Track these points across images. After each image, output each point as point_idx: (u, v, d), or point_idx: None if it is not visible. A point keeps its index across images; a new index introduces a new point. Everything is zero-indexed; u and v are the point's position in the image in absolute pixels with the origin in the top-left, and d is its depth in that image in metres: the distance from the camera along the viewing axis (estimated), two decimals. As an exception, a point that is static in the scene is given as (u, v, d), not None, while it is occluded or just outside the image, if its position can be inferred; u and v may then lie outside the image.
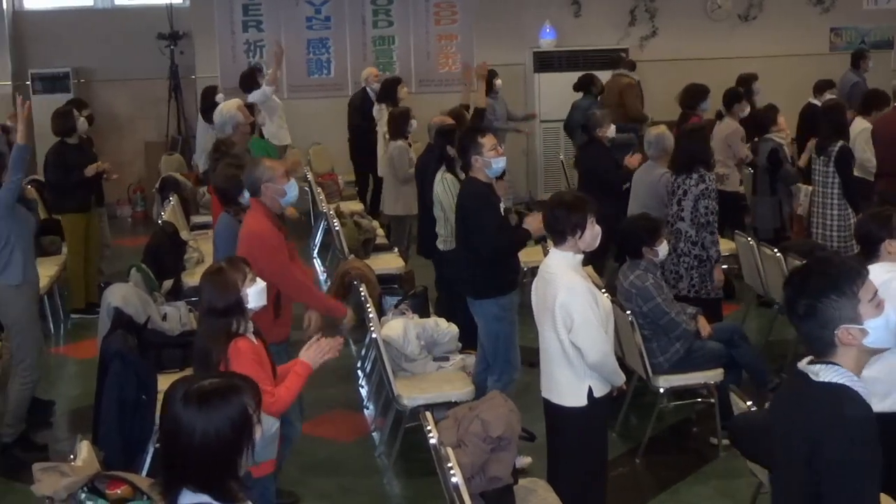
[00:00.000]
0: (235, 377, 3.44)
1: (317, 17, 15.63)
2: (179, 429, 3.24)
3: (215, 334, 5.18)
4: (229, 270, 5.27)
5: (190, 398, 3.25)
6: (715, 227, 8.32)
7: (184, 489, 3.28)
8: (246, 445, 3.29)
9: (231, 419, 3.25)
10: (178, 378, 3.42)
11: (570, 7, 16.06)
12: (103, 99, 15.96)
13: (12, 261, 7.64)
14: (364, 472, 7.53)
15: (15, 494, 7.21)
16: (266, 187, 6.69)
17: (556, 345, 5.68)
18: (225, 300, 5.19)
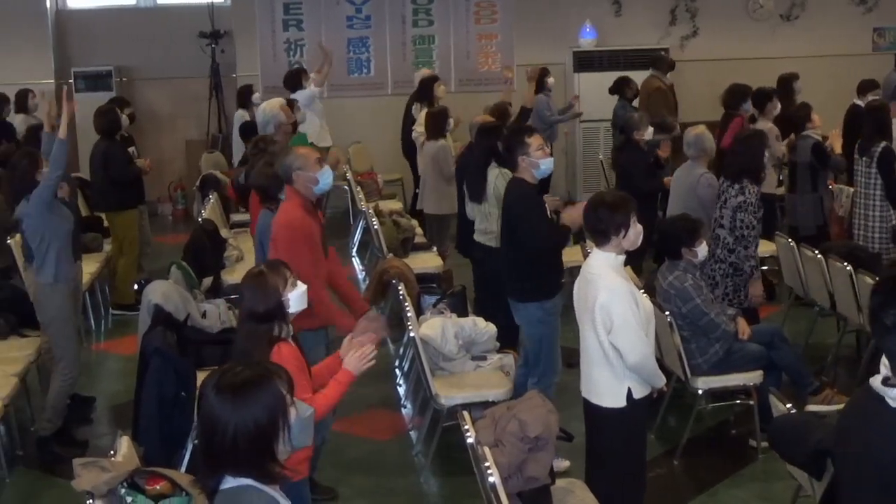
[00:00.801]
0: (266, 364, 3.48)
1: (357, 17, 15.67)
2: (215, 418, 3.29)
3: (257, 339, 5.13)
4: (270, 274, 5.22)
5: (223, 388, 3.31)
6: (750, 241, 8.11)
7: (224, 476, 3.33)
8: (282, 428, 3.34)
9: (265, 404, 3.30)
10: (213, 370, 3.48)
11: (611, 6, 16.01)
12: (145, 97, 16.07)
13: (47, 260, 7.70)
14: (401, 471, 7.54)
15: (56, 489, 7.28)
16: (297, 175, 6.69)
17: (595, 345, 5.66)
18: (266, 304, 5.14)
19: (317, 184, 6.72)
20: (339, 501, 7.07)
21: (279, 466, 3.37)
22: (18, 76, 14.30)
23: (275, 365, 3.46)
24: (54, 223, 7.71)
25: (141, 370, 7.04)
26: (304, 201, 6.71)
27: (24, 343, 8.45)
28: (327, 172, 6.80)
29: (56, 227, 7.72)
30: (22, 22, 15.24)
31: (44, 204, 7.62)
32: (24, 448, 7.97)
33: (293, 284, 5.26)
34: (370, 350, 5.27)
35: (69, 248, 7.93)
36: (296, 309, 5.28)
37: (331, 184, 6.89)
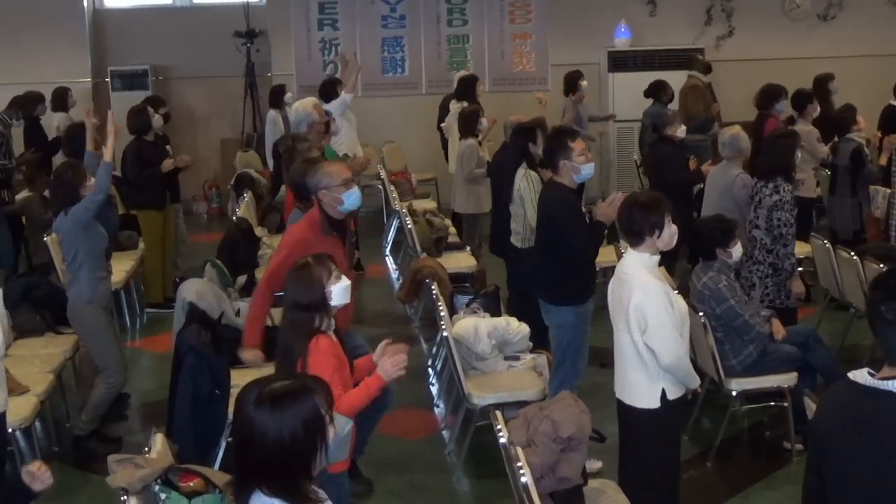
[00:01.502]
0: (307, 378, 3.45)
1: (392, 16, 15.70)
2: (253, 431, 3.25)
3: (298, 329, 5.21)
4: (315, 266, 5.29)
5: (262, 401, 3.26)
6: (789, 239, 8.11)
7: (256, 491, 3.29)
8: (320, 446, 3.29)
9: (304, 420, 3.25)
10: (251, 381, 3.41)
11: (646, 6, 15.96)
12: (180, 96, 16.15)
13: (79, 277, 7.71)
14: (433, 470, 7.55)
15: (91, 485, 7.33)
16: (322, 194, 6.63)
17: (629, 346, 5.64)
18: (309, 296, 5.21)
19: (341, 204, 6.60)
20: (371, 500, 7.09)
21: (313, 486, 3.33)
22: (56, 75, 14.39)
23: (315, 380, 3.42)
24: (88, 243, 7.68)
25: (175, 368, 7.08)
26: (322, 220, 6.67)
27: (59, 340, 8.52)
28: (354, 194, 6.66)
29: (90, 247, 7.69)
30: (60, 21, 15.35)
31: (80, 223, 7.63)
32: (60, 444, 8.03)
33: (337, 278, 5.32)
34: (403, 358, 5.29)
35: (103, 265, 7.94)
36: (338, 302, 5.32)
37: (357, 204, 6.69)
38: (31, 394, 7.33)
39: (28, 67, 14.65)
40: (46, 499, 7.15)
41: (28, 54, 14.99)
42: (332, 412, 3.36)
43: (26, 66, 14.71)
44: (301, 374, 3.93)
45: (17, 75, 14.00)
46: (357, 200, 6.70)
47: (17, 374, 7.45)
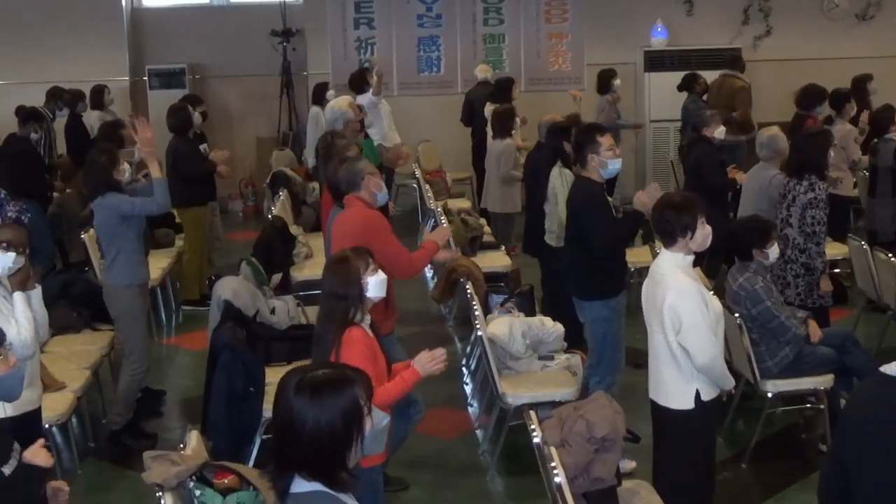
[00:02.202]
0: (348, 369, 3.46)
1: (428, 15, 15.71)
2: (291, 418, 3.26)
3: (333, 318, 5.25)
4: (354, 259, 5.35)
5: (303, 388, 3.28)
6: (822, 237, 8.08)
7: (295, 477, 3.31)
8: (356, 437, 3.31)
9: (342, 410, 3.26)
10: (293, 367, 3.45)
11: (683, 6, 15.89)
12: (217, 94, 16.21)
13: (116, 261, 7.76)
14: (467, 470, 7.55)
15: (126, 481, 7.37)
16: (368, 179, 6.82)
17: (664, 346, 5.63)
18: (346, 287, 5.26)
19: (381, 190, 6.92)
20: (405, 498, 7.10)
21: (347, 473, 3.35)
22: (94, 73, 14.49)
23: (356, 371, 3.44)
24: (130, 231, 7.75)
25: (210, 365, 7.11)
26: (368, 205, 6.77)
27: (96, 337, 8.58)
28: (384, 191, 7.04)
29: (128, 231, 7.75)
30: (98, 20, 15.44)
31: (119, 215, 7.68)
32: (96, 440, 8.09)
33: (374, 271, 5.37)
34: (441, 353, 5.31)
35: (140, 249, 7.98)
36: (374, 294, 5.37)
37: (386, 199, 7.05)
38: (68, 390, 7.38)
39: (67, 66, 14.74)
40: (83, 493, 7.25)
41: (67, 53, 15.09)
42: (371, 404, 3.38)
43: (66, 64, 14.81)
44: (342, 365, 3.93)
45: (57, 74, 14.08)
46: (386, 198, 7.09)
47: (54, 371, 7.51)
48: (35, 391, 5.91)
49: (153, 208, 7.76)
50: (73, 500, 7.05)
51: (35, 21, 15.28)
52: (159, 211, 7.89)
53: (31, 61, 14.91)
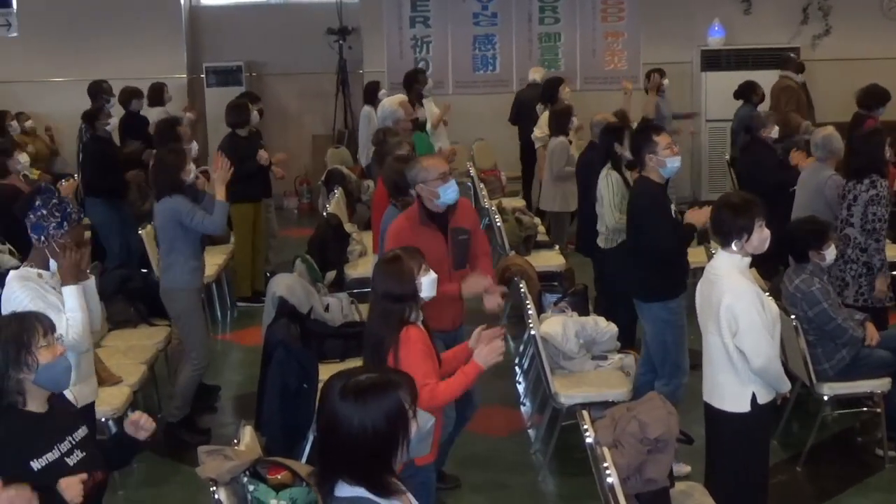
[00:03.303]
0: (392, 373, 3.47)
1: (483, 14, 15.70)
2: (336, 422, 3.27)
3: (389, 320, 5.28)
4: (406, 259, 5.37)
5: (347, 392, 3.28)
6: (882, 234, 8.03)
7: (339, 481, 3.31)
8: (401, 441, 3.31)
9: (387, 414, 3.26)
10: (336, 372, 3.44)
11: (741, 4, 15.76)
12: (273, 92, 16.29)
13: (174, 265, 7.83)
14: (519, 469, 7.55)
15: (181, 475, 7.44)
16: (420, 188, 6.69)
17: (719, 348, 5.59)
18: (401, 287, 5.29)
19: (438, 198, 6.64)
20: (457, 496, 7.11)
21: (394, 477, 3.36)
22: (152, 71, 14.61)
23: (400, 374, 3.45)
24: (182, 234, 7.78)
25: (264, 361, 7.15)
26: (420, 212, 6.71)
27: (153, 332, 8.65)
28: (451, 187, 6.69)
29: (186, 237, 7.80)
30: (157, 18, 15.58)
31: (179, 224, 7.73)
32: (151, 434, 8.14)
33: (426, 270, 5.39)
34: (500, 344, 5.30)
35: (197, 255, 8.01)
36: (426, 294, 5.40)
37: (455, 198, 6.69)
38: (124, 384, 7.46)
39: (126, 63, 14.86)
40: (138, 487, 7.33)
41: (126, 51, 15.22)
42: (416, 407, 3.38)
43: (124, 62, 14.93)
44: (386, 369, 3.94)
45: (115, 71, 14.20)
46: (454, 194, 6.72)
47: (111, 365, 7.59)
48: (91, 385, 5.97)
49: (209, 227, 7.79)
50: (129, 494, 7.17)
51: (95, 19, 15.44)
52: (213, 232, 7.94)
53: (90, 59, 15.06)
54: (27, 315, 4.50)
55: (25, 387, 4.25)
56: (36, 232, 5.65)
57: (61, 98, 14.64)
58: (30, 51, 15.42)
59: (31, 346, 4.25)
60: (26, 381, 4.24)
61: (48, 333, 4.34)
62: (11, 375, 4.21)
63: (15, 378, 4.22)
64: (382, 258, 5.61)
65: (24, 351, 4.23)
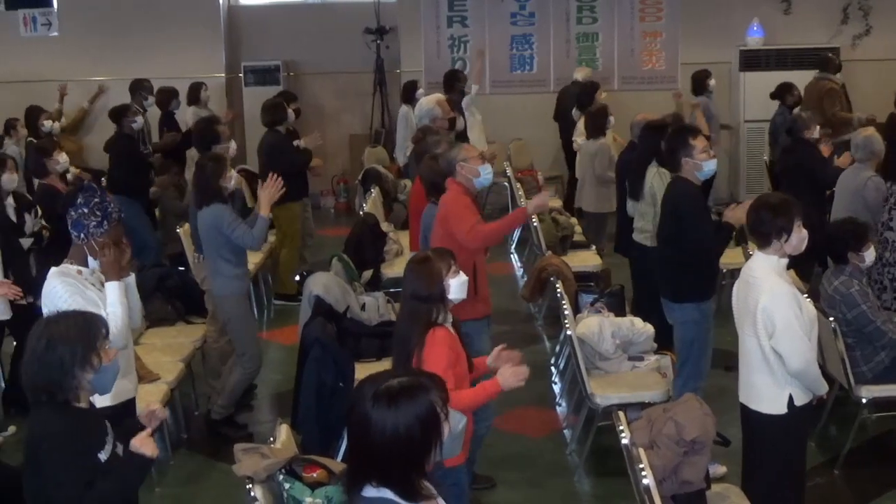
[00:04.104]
0: (423, 376, 3.47)
1: (521, 14, 15.68)
2: (368, 427, 3.27)
3: (416, 320, 5.29)
4: (435, 260, 5.38)
5: (379, 397, 3.28)
6: None
7: (367, 484, 3.32)
8: (434, 443, 3.32)
9: (419, 417, 3.27)
10: (366, 377, 3.44)
11: (780, 4, 15.65)
12: (310, 91, 16.33)
13: (219, 272, 7.85)
14: (554, 469, 7.54)
15: (217, 472, 7.48)
16: (461, 166, 6.91)
17: (756, 350, 5.56)
18: (429, 288, 5.30)
19: (478, 176, 6.92)
20: (492, 496, 7.10)
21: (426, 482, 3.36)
22: (190, 70, 14.68)
23: (431, 377, 3.45)
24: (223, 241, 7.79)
25: (301, 360, 7.18)
26: (465, 190, 6.87)
27: (190, 329, 8.71)
28: (488, 168, 7.01)
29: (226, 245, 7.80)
30: (196, 17, 15.65)
31: (221, 234, 7.75)
32: (189, 431, 8.21)
33: (455, 272, 5.40)
34: (525, 371, 5.32)
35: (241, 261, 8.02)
36: (455, 296, 5.40)
37: (491, 179, 7.07)
38: (162, 381, 7.52)
39: (164, 62, 14.95)
40: (175, 483, 7.37)
41: (165, 50, 15.31)
42: (448, 409, 3.38)
43: (163, 61, 15.02)
44: (417, 371, 3.94)
45: (154, 70, 14.27)
46: (490, 176, 7.09)
47: (148, 362, 7.65)
48: (131, 381, 6.01)
49: (248, 242, 7.78)
50: (165, 490, 7.21)
51: (134, 19, 15.54)
52: (252, 246, 7.91)
53: (129, 58, 15.14)
54: (93, 315, 4.57)
55: (83, 384, 4.30)
56: (76, 229, 5.68)
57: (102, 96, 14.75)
58: (70, 49, 15.54)
59: (97, 347, 4.31)
60: (85, 380, 4.29)
61: (106, 336, 4.41)
62: (76, 373, 4.27)
63: (78, 376, 4.27)
64: (412, 258, 5.63)
65: (92, 351, 4.30)
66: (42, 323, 4.44)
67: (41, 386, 4.30)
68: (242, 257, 8.03)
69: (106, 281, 5.58)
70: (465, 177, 7.00)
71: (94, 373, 4.30)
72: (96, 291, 5.61)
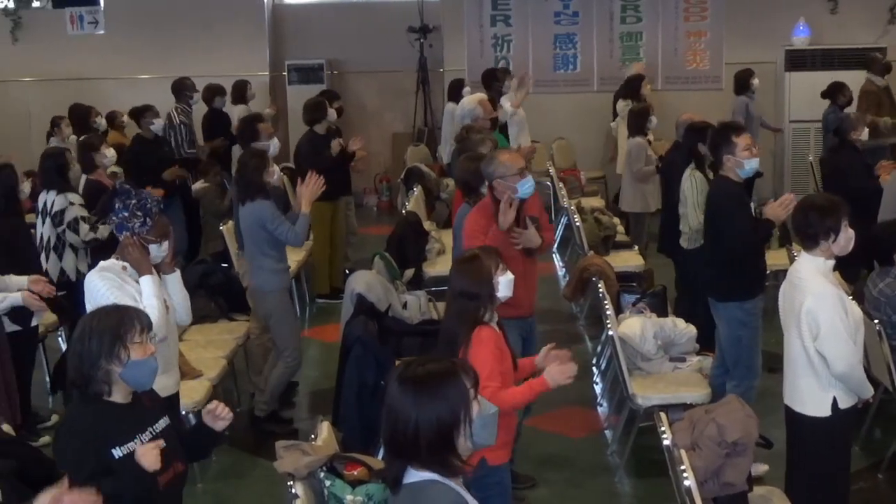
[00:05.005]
0: (450, 360, 3.52)
1: (565, 13, 15.64)
2: (398, 410, 3.34)
3: (463, 318, 5.28)
4: (484, 258, 5.37)
5: (407, 380, 3.36)
6: None
7: (408, 468, 3.37)
8: (463, 419, 3.36)
9: (447, 397, 3.33)
10: (398, 366, 3.53)
11: (826, 3, 15.53)
12: (354, 90, 16.39)
13: (261, 268, 7.91)
14: (595, 470, 7.52)
15: (260, 469, 7.52)
16: (497, 183, 6.75)
17: (800, 352, 5.52)
18: (477, 286, 5.29)
19: (515, 192, 6.70)
20: (533, 496, 7.10)
21: (460, 460, 3.39)
22: (235, 68, 14.75)
23: (460, 360, 3.50)
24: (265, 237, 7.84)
25: (342, 358, 7.20)
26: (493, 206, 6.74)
27: (233, 327, 8.76)
28: (527, 182, 6.79)
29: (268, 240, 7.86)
30: (241, 16, 15.75)
31: (263, 230, 7.80)
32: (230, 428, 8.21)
33: (503, 270, 5.39)
34: (573, 368, 5.30)
35: (282, 257, 8.07)
36: (503, 294, 5.39)
37: (530, 193, 6.84)
38: (205, 378, 7.56)
39: (209, 61, 15.05)
40: (216, 480, 7.42)
41: (209, 48, 15.41)
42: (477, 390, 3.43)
43: (208, 59, 15.12)
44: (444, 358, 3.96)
45: (199, 69, 14.36)
46: (531, 188, 6.84)
47: (191, 359, 7.69)
48: (173, 377, 6.05)
49: (290, 238, 7.82)
50: (207, 486, 7.25)
51: (179, 17, 15.66)
52: (294, 243, 7.96)
53: (174, 56, 15.26)
54: (128, 309, 4.60)
55: (112, 378, 4.33)
56: (121, 231, 5.75)
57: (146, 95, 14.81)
58: (116, 48, 15.67)
59: (126, 340, 4.34)
60: (114, 373, 4.32)
61: (144, 331, 4.42)
62: (102, 365, 4.30)
63: (105, 368, 4.30)
64: (460, 257, 5.63)
65: (119, 343, 4.32)
66: (85, 316, 4.51)
67: (73, 378, 4.36)
68: (283, 252, 8.06)
69: (140, 276, 5.63)
70: (502, 193, 6.76)
71: (122, 366, 4.32)
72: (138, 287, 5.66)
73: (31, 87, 15.85)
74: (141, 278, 5.66)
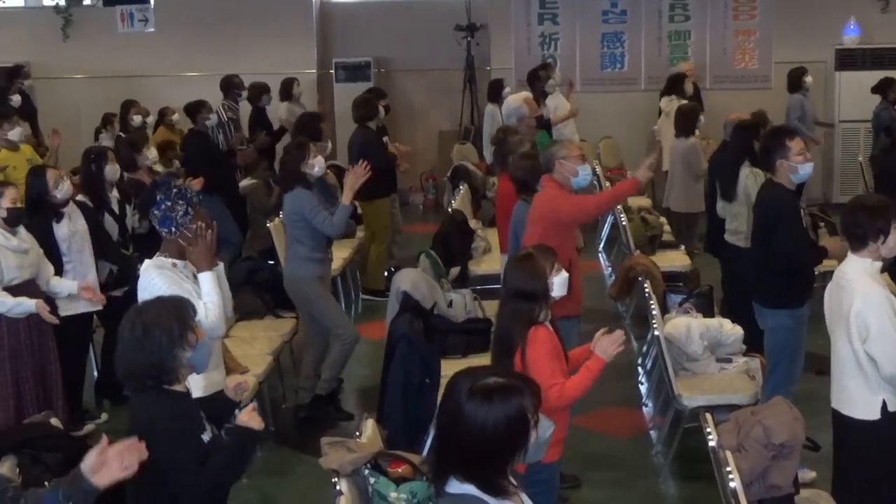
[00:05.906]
0: (519, 378, 3.47)
1: (612, 11, 15.59)
2: (459, 420, 3.29)
3: (518, 318, 5.29)
4: (539, 257, 5.38)
5: (474, 393, 3.30)
6: None
7: (451, 478, 3.34)
8: (519, 447, 3.33)
9: (509, 419, 3.28)
10: (464, 369, 3.47)
11: (878, 2, 15.39)
12: (400, 88, 16.41)
13: (297, 255, 8.01)
14: (639, 470, 7.49)
15: (304, 465, 7.54)
16: (560, 164, 6.92)
17: (849, 354, 5.47)
18: (533, 286, 5.30)
19: (576, 175, 6.93)
20: (577, 495, 7.08)
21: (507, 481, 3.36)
22: (283, 66, 14.80)
23: (526, 380, 3.46)
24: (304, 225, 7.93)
25: (388, 355, 7.21)
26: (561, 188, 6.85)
27: (279, 323, 8.79)
28: (587, 168, 7.02)
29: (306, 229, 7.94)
30: (288, 14, 15.82)
31: (302, 219, 7.89)
32: (276, 424, 8.28)
33: (558, 270, 5.40)
34: (620, 334, 5.31)
35: (321, 247, 8.13)
36: (558, 293, 5.40)
37: (589, 180, 7.02)
38: (250, 374, 7.58)
39: (257, 58, 15.13)
40: (261, 475, 7.45)
41: (258, 46, 15.48)
42: (539, 415, 3.39)
43: (256, 57, 15.20)
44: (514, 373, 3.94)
45: (247, 66, 14.43)
46: (589, 177, 7.11)
47: (237, 355, 7.73)
48: (220, 373, 6.08)
49: (328, 229, 7.91)
50: (252, 482, 7.29)
51: (227, 15, 15.74)
52: (333, 233, 8.05)
53: (223, 54, 15.35)
54: (180, 297, 4.71)
55: (182, 363, 4.40)
56: (165, 225, 5.71)
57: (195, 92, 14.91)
58: (165, 45, 15.79)
59: (192, 326, 4.45)
60: (184, 359, 4.40)
61: (194, 315, 4.52)
62: (176, 354, 4.38)
63: (179, 356, 4.38)
64: (515, 256, 5.63)
65: (188, 329, 4.42)
66: (133, 311, 4.54)
67: (143, 372, 4.40)
68: (321, 244, 8.11)
69: (199, 272, 5.64)
70: (562, 175, 6.98)
71: (192, 350, 4.41)
72: (192, 283, 5.68)
73: (81, 84, 16.00)
74: (201, 274, 5.63)
